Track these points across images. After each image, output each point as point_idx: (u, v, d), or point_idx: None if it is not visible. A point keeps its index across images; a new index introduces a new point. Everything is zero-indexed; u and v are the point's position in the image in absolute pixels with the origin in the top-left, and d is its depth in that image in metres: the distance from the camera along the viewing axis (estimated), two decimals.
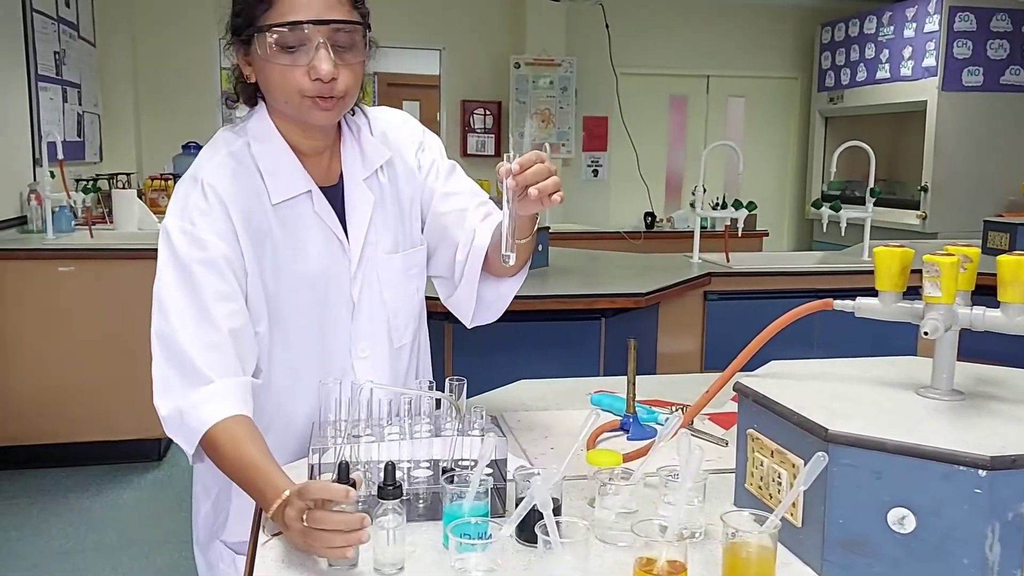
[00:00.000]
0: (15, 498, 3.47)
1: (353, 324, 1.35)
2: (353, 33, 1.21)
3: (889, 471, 0.89)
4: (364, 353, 1.37)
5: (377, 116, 1.42)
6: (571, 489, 1.14)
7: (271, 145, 1.29)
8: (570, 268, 3.55)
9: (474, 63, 7.00)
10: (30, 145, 4.36)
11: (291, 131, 1.30)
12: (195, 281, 1.20)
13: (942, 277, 0.98)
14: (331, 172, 1.35)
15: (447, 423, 1.13)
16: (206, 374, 1.18)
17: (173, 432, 1.20)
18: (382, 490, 0.94)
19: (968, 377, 1.12)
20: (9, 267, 3.64)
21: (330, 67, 1.17)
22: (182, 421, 1.17)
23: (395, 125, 1.43)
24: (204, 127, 6.54)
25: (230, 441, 1.13)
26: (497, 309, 1.42)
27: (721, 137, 7.68)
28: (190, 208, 1.23)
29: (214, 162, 1.28)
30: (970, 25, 5.98)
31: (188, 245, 1.21)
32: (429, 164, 1.42)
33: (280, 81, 1.21)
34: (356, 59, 1.23)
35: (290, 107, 1.23)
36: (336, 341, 1.35)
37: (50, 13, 4.67)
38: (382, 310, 1.38)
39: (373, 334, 1.37)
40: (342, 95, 1.22)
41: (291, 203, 1.29)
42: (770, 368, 1.18)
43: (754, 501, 1.06)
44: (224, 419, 1.14)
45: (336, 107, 1.24)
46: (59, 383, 3.72)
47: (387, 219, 1.37)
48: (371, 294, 1.36)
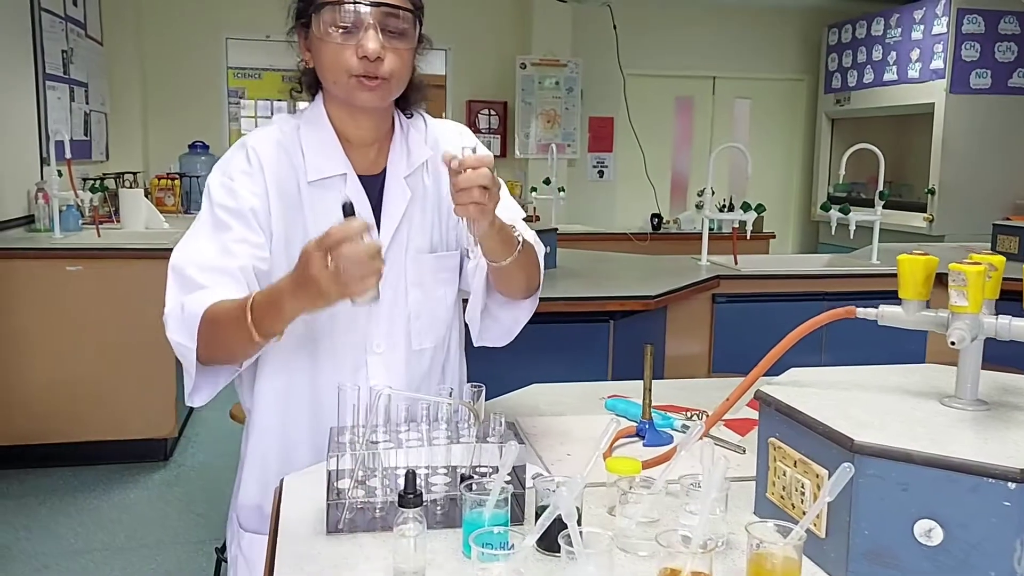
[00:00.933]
0: (24, 497, 3.48)
1: (372, 319, 1.35)
2: (404, 20, 1.26)
3: (916, 483, 0.88)
4: (379, 349, 1.37)
5: (434, 123, 1.47)
6: (590, 496, 1.13)
7: (319, 129, 1.35)
8: (578, 270, 3.54)
9: (480, 63, 7.00)
10: (38, 144, 4.37)
11: (342, 118, 1.35)
12: (223, 225, 1.28)
13: (968, 286, 0.97)
14: (375, 164, 1.38)
15: (465, 429, 1.12)
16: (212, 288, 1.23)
17: (174, 329, 1.23)
18: (403, 498, 0.93)
19: (991, 386, 1.11)
20: (17, 266, 3.64)
21: (376, 46, 1.23)
22: (182, 311, 1.21)
23: (449, 133, 1.46)
24: (211, 126, 6.56)
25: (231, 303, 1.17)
26: (511, 333, 1.44)
27: (727, 138, 7.68)
28: (232, 167, 1.32)
29: (263, 133, 1.37)
30: (978, 27, 5.96)
31: (224, 195, 1.29)
32: None
33: (331, 60, 1.26)
34: (405, 45, 1.27)
35: (338, 86, 1.29)
36: (352, 332, 1.35)
37: (58, 12, 4.67)
38: (404, 308, 1.38)
39: (391, 332, 1.37)
40: (387, 76, 1.27)
41: (325, 183, 1.34)
42: (790, 376, 1.18)
43: (776, 510, 1.05)
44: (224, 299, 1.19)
45: (380, 88, 1.28)
46: (67, 383, 3.72)
47: (424, 219, 1.39)
48: (395, 290, 1.36)
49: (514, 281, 1.34)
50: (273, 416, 1.38)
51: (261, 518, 1.38)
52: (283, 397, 1.37)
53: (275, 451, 1.39)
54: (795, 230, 8.01)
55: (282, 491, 1.18)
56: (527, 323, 1.46)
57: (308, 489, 1.16)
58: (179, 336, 1.22)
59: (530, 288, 1.39)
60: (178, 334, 1.22)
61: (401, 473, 1.06)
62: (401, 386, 1.38)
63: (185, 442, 4.13)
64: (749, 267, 3.63)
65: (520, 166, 7.07)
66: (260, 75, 10.17)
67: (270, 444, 1.39)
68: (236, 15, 6.51)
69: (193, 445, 4.11)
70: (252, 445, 1.41)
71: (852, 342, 2.40)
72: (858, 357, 2.12)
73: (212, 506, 3.44)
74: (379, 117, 1.36)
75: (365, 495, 1.06)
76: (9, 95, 4.06)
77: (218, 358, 1.25)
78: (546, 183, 5.19)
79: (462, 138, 1.46)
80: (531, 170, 6.88)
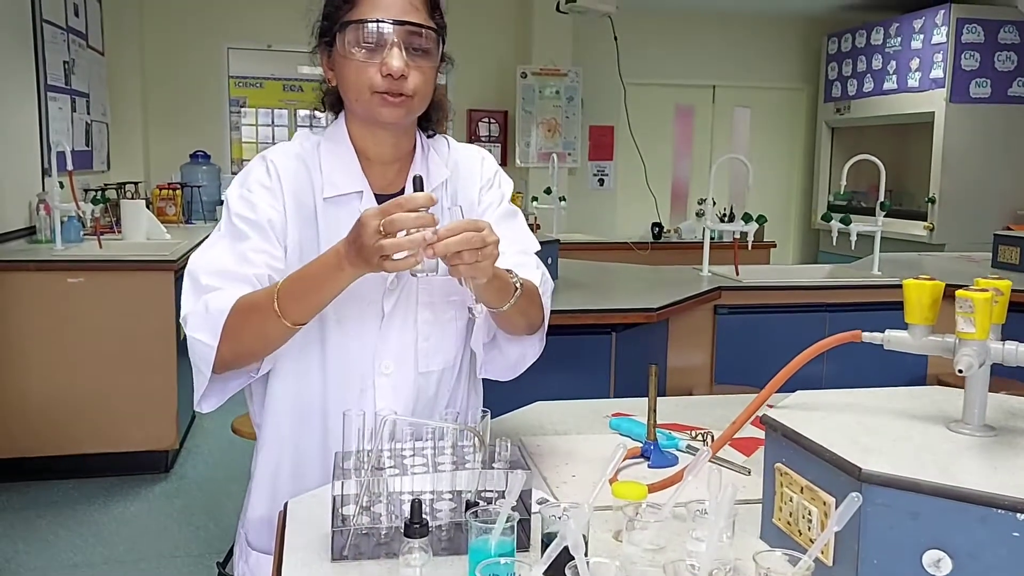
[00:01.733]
0: (24, 510, 3.47)
1: (380, 337, 1.35)
2: (427, 39, 1.27)
3: (925, 512, 0.87)
4: (388, 370, 1.36)
5: (457, 147, 1.47)
6: (596, 520, 1.13)
7: (339, 146, 1.36)
8: (580, 282, 3.54)
9: (481, 73, 7.02)
10: (39, 155, 4.37)
11: (362, 136, 1.36)
12: (241, 235, 1.29)
13: (975, 313, 0.96)
14: (394, 183, 1.38)
15: (470, 455, 1.12)
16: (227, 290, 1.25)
17: (197, 327, 1.23)
18: (408, 528, 0.93)
19: (998, 410, 1.11)
20: (19, 278, 3.65)
21: (400, 64, 1.23)
22: (207, 309, 1.22)
23: (471, 158, 1.46)
24: (212, 135, 6.57)
25: (257, 293, 1.22)
26: (516, 370, 1.44)
27: (727, 147, 7.70)
28: (251, 179, 1.33)
29: (284, 147, 1.38)
30: (978, 37, 5.98)
31: (242, 206, 1.31)
32: (488, 202, 1.44)
33: (354, 77, 1.27)
34: (428, 63, 1.29)
35: (361, 103, 1.29)
36: (362, 350, 1.35)
37: (59, 23, 4.68)
38: (413, 329, 1.37)
39: (400, 353, 1.37)
40: (411, 94, 1.27)
41: (341, 200, 1.34)
42: (796, 399, 1.17)
43: (782, 536, 1.05)
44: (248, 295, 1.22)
45: (403, 105, 1.28)
46: (68, 394, 3.72)
47: None
48: (404, 310, 1.36)
49: (513, 323, 1.34)
50: (283, 432, 1.38)
51: (270, 535, 1.38)
52: (293, 414, 1.37)
53: (285, 468, 1.39)
54: (796, 238, 8.02)
55: (286, 515, 1.17)
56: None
57: (313, 514, 1.15)
58: (201, 334, 1.22)
59: (532, 327, 1.38)
60: (200, 332, 1.22)
61: (406, 499, 1.05)
62: (408, 408, 1.37)
63: (186, 454, 4.13)
64: (750, 278, 3.63)
65: (521, 175, 7.08)
66: (261, 84, 10.19)
67: (280, 461, 1.39)
68: (237, 25, 6.54)
69: (194, 457, 4.11)
70: (262, 461, 1.41)
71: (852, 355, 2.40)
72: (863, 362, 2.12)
73: (213, 519, 3.44)
74: (399, 135, 1.36)
75: (370, 521, 1.06)
76: (11, 106, 4.07)
77: (240, 354, 1.25)
78: (547, 192, 5.19)
79: (484, 162, 1.46)
80: (532, 179, 6.89)
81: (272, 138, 10.62)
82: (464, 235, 1.10)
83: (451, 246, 1.09)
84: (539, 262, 1.44)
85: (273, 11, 6.48)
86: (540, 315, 1.39)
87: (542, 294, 1.39)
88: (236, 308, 1.21)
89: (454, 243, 1.10)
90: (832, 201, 7.28)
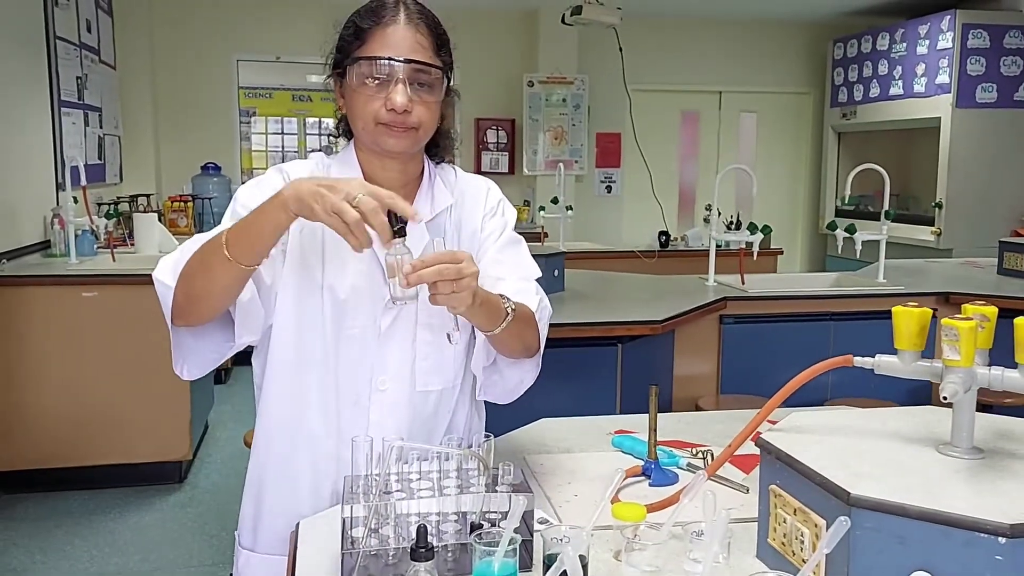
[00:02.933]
0: (41, 520, 3.53)
1: (378, 354, 1.39)
2: (432, 76, 1.33)
3: (912, 536, 0.91)
4: (384, 387, 1.40)
5: (464, 176, 1.52)
6: (596, 541, 1.17)
7: (348, 169, 1.41)
8: (586, 293, 3.57)
9: (488, 81, 7.06)
10: (53, 170, 4.44)
11: (370, 163, 1.41)
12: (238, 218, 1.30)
13: (960, 341, 1.00)
14: None
15: (474, 478, 1.16)
16: None
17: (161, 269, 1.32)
18: (415, 552, 0.97)
19: (988, 431, 1.14)
20: (35, 292, 3.70)
21: (404, 100, 1.30)
22: (178, 255, 1.31)
23: (477, 187, 1.51)
24: (223, 146, 6.65)
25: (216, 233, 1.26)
26: (514, 393, 1.47)
27: (733, 152, 7.72)
28: (264, 183, 1.38)
29: (298, 164, 1.45)
30: (983, 42, 5.99)
31: (247, 197, 1.35)
32: (491, 229, 1.49)
33: (361, 109, 1.33)
34: (432, 98, 1.34)
35: (366, 133, 1.35)
36: (360, 365, 1.39)
37: (72, 39, 4.75)
38: (411, 349, 1.41)
39: (397, 371, 1.40)
40: (415, 126, 1.33)
41: None
42: (791, 421, 1.21)
43: (777, 556, 1.08)
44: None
45: (407, 136, 1.34)
46: (83, 407, 3.78)
47: None
48: (403, 329, 1.40)
49: (508, 346, 1.37)
50: (273, 439, 1.43)
51: (255, 536, 1.47)
52: (287, 422, 1.42)
53: (272, 474, 1.44)
54: (803, 243, 8.04)
55: (298, 537, 1.21)
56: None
57: (323, 535, 1.20)
58: (163, 275, 1.31)
59: (528, 350, 1.41)
60: (162, 273, 1.32)
61: (413, 521, 1.09)
62: (404, 426, 1.41)
63: (199, 465, 4.18)
64: (756, 287, 3.65)
65: (528, 183, 7.13)
66: (271, 94, 10.26)
67: (268, 467, 1.45)
68: (246, 37, 6.61)
69: (207, 468, 4.16)
70: (251, 467, 1.48)
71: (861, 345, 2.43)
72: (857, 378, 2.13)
73: (225, 529, 3.48)
74: (406, 162, 1.41)
75: (378, 543, 1.10)
76: (26, 123, 4.14)
77: (192, 296, 1.29)
78: (554, 202, 5.23)
79: (489, 192, 1.51)
80: (539, 186, 6.93)
81: (282, 146, 10.69)
82: (439, 267, 1.14)
83: (425, 277, 1.14)
84: (539, 288, 1.47)
85: (281, 23, 6.56)
86: (536, 340, 1.43)
87: (539, 320, 1.43)
88: (194, 252, 1.28)
89: (428, 274, 1.14)
90: (839, 206, 7.29)
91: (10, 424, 3.70)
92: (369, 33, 1.32)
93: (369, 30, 1.32)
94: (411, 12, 1.34)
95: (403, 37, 1.31)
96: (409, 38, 1.31)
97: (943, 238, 6.14)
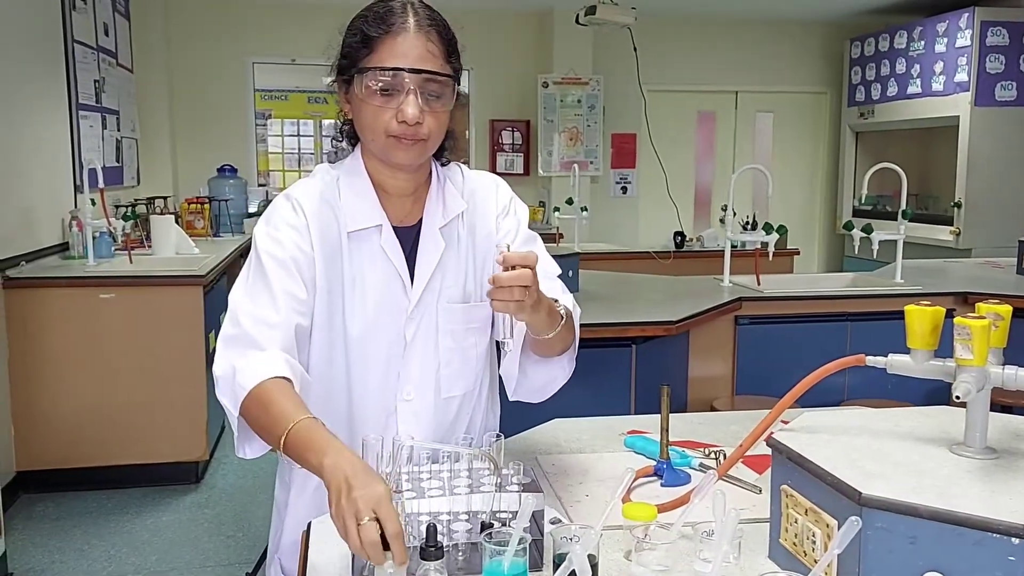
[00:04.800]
0: (60, 520, 3.56)
1: (403, 364, 1.39)
2: (443, 84, 1.31)
3: (923, 536, 0.90)
4: (409, 396, 1.40)
5: (471, 176, 1.50)
6: (607, 540, 1.16)
7: (357, 180, 1.40)
8: (601, 294, 3.57)
9: (502, 82, 7.07)
10: (71, 172, 4.48)
11: (378, 170, 1.39)
12: (267, 273, 1.32)
13: (973, 340, 0.99)
14: (411, 215, 1.42)
15: (485, 477, 1.16)
16: (261, 343, 1.26)
17: (223, 392, 1.25)
18: (424, 551, 0.97)
19: (1002, 431, 1.13)
20: (53, 294, 3.74)
21: (415, 112, 1.28)
22: (233, 378, 1.23)
23: (485, 187, 1.50)
24: (238, 148, 6.69)
25: (276, 407, 1.16)
26: (545, 393, 1.46)
27: (750, 152, 7.68)
28: (277, 218, 1.36)
29: (306, 185, 1.41)
30: (1002, 39, 5.93)
31: (270, 244, 1.34)
32: (507, 229, 1.48)
33: (371, 120, 1.31)
34: (443, 107, 1.32)
35: (376, 145, 1.34)
36: (386, 377, 1.39)
37: (90, 43, 4.80)
38: (434, 356, 1.41)
39: (422, 379, 1.41)
40: (425, 138, 1.32)
41: (363, 234, 1.38)
42: (803, 421, 1.20)
43: (788, 556, 1.08)
44: (273, 377, 1.20)
45: (416, 148, 1.32)
46: (101, 408, 3.81)
47: (458, 269, 1.42)
48: (425, 338, 1.40)
49: (551, 348, 1.36)
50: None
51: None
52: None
53: (318, 493, 1.41)
54: (821, 243, 7.98)
55: (310, 535, 1.22)
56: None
57: (335, 535, 1.20)
58: (227, 400, 1.25)
59: (565, 349, 1.41)
60: (226, 398, 1.25)
61: (423, 520, 1.10)
62: (429, 433, 1.42)
63: (216, 465, 4.20)
64: (772, 288, 3.64)
65: (543, 184, 7.12)
66: (286, 96, 10.32)
67: (314, 486, 1.41)
68: (261, 40, 6.65)
69: (224, 468, 4.18)
70: (296, 485, 1.45)
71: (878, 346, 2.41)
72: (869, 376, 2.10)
73: (242, 529, 3.50)
74: (415, 171, 1.40)
75: None
76: (44, 126, 4.18)
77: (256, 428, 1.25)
78: (568, 203, 5.22)
79: (498, 190, 1.50)
80: (554, 188, 6.92)
81: (298, 148, 10.74)
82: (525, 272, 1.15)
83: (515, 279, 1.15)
84: (564, 286, 1.47)
85: (296, 26, 6.59)
86: (573, 338, 1.42)
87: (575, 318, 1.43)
88: (253, 395, 1.19)
89: (518, 276, 1.15)
90: (857, 206, 7.24)
91: (28, 425, 3.74)
92: (378, 41, 1.28)
93: (378, 39, 1.28)
94: (420, 18, 1.30)
95: (413, 46, 1.28)
96: (419, 47, 1.28)
97: (962, 238, 6.08)
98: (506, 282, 1.15)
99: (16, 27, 3.89)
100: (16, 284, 3.70)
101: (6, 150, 3.71)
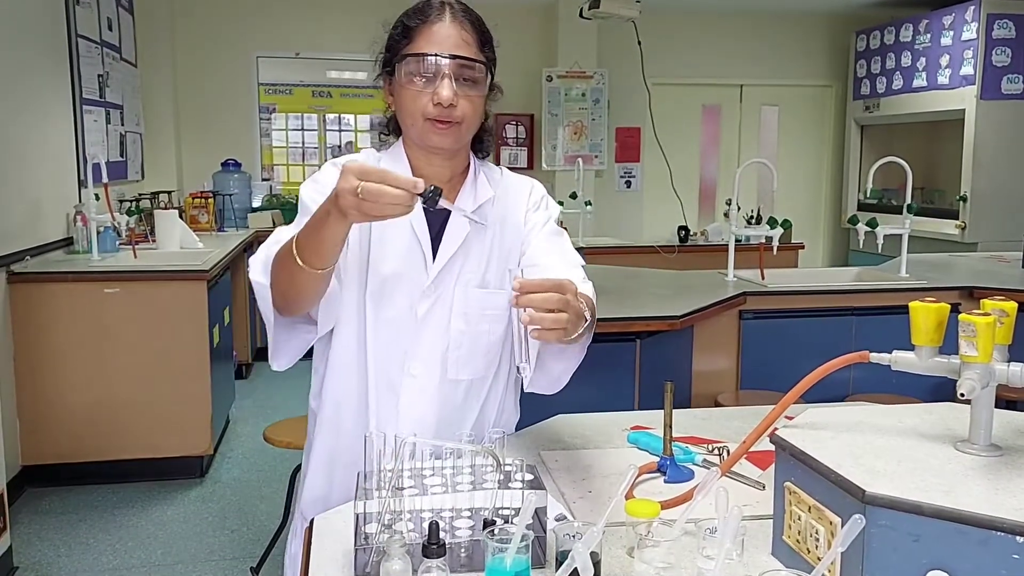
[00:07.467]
0: (65, 514, 3.57)
1: (413, 340, 1.43)
2: (478, 71, 1.38)
3: (927, 534, 0.90)
4: (415, 371, 1.44)
5: (510, 175, 1.57)
6: (610, 537, 1.16)
7: (397, 164, 1.47)
8: (605, 288, 3.55)
9: (506, 76, 6.98)
10: (75, 167, 4.48)
11: (418, 158, 1.46)
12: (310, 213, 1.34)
13: (978, 337, 0.98)
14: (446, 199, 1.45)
15: (488, 474, 1.16)
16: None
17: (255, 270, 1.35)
18: (426, 548, 0.97)
19: (1007, 428, 1.12)
20: (57, 289, 3.75)
21: (450, 94, 1.35)
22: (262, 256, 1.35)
23: (521, 183, 1.56)
24: (243, 143, 6.69)
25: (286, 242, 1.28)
26: (559, 383, 1.46)
27: (755, 146, 7.66)
28: (323, 177, 1.45)
29: (352, 157, 1.51)
30: (1009, 32, 5.90)
31: (314, 194, 1.39)
32: (535, 221, 1.52)
33: (410, 104, 1.38)
34: (477, 93, 1.39)
35: (415, 129, 1.40)
36: (394, 346, 1.43)
37: (94, 37, 4.79)
38: (444, 336, 1.44)
39: (429, 356, 1.44)
40: (459, 120, 1.38)
41: None
42: (806, 417, 1.19)
43: (792, 554, 1.08)
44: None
45: (452, 131, 1.38)
46: (105, 402, 3.82)
47: (480, 254, 1.46)
48: (439, 317, 1.44)
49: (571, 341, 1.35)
50: (333, 421, 1.49)
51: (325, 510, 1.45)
52: (343, 404, 1.48)
53: (334, 447, 1.50)
54: (826, 237, 7.96)
55: (312, 532, 1.22)
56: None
57: (337, 531, 1.20)
58: (256, 275, 1.35)
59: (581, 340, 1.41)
60: (255, 272, 1.35)
61: (426, 516, 1.10)
62: (434, 413, 1.45)
63: (220, 459, 4.21)
64: (776, 282, 3.63)
65: (547, 178, 7.10)
66: (291, 91, 10.27)
67: (332, 442, 1.50)
68: (266, 34, 6.65)
69: (228, 462, 4.19)
70: (318, 443, 1.52)
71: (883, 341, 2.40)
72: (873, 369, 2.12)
73: (246, 523, 3.51)
74: (452, 158, 1.46)
75: (391, 539, 1.10)
76: (48, 121, 4.18)
77: (285, 297, 1.33)
78: (572, 197, 5.21)
79: (533, 188, 1.55)
80: (559, 182, 6.91)
81: (302, 143, 10.71)
82: (547, 296, 1.11)
83: (536, 302, 1.11)
84: (585, 275, 1.48)
85: (301, 20, 6.58)
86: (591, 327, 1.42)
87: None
88: (274, 256, 1.31)
89: (539, 300, 1.11)
90: (862, 200, 7.22)
91: (33, 419, 3.75)
92: (416, 31, 1.37)
93: (416, 28, 1.38)
94: (456, 11, 1.40)
95: (448, 34, 1.36)
96: (454, 35, 1.37)
97: (968, 232, 6.06)
98: (525, 303, 1.11)
99: (20, 22, 3.88)
100: (21, 279, 3.71)
101: (10, 145, 3.72)
